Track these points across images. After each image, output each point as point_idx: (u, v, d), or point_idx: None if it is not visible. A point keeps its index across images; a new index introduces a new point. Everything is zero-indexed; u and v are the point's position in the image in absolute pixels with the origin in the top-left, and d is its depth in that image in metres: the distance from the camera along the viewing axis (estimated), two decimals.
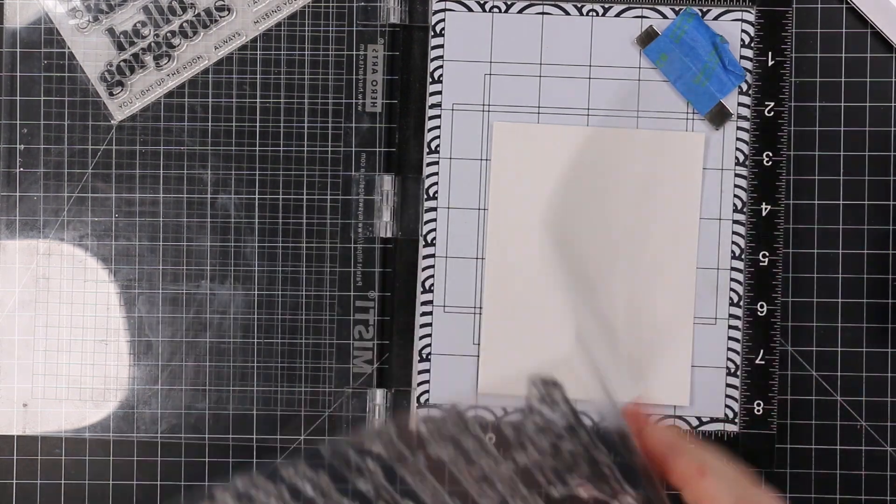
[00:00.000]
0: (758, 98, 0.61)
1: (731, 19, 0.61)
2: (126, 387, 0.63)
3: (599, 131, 0.61)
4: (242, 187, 0.63)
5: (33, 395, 0.63)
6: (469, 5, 0.62)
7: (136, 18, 0.63)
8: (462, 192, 0.62)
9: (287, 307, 0.63)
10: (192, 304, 0.63)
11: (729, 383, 0.61)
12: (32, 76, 0.63)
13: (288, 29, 0.63)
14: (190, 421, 0.63)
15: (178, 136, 0.63)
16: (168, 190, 0.63)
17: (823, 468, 0.62)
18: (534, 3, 0.62)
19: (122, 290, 0.63)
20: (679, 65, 0.61)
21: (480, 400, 0.61)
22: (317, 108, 0.63)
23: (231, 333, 0.63)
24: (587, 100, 0.62)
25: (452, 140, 0.62)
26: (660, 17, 0.62)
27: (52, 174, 0.63)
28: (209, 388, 0.63)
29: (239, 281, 0.63)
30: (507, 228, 0.61)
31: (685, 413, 0.61)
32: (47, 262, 0.63)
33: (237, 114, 0.63)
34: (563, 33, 0.62)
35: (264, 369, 0.63)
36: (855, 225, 0.62)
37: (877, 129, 0.62)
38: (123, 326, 0.63)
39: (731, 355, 0.61)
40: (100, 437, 0.63)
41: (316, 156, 0.63)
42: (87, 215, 0.63)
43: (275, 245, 0.63)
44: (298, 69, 0.63)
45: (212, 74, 0.64)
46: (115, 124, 0.63)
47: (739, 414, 0.61)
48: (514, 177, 0.61)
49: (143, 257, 0.63)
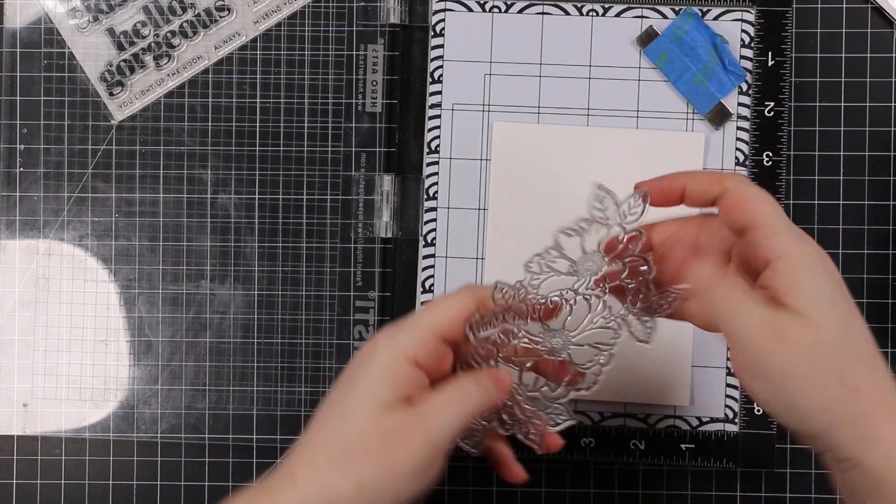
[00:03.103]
0: (758, 98, 0.61)
1: (731, 19, 0.61)
2: (126, 387, 0.63)
3: (599, 131, 0.61)
4: (242, 187, 0.63)
5: (33, 395, 0.63)
6: (469, 5, 0.62)
7: (136, 18, 0.63)
8: (462, 192, 0.62)
9: (287, 307, 0.63)
10: (192, 304, 0.63)
11: (729, 383, 0.61)
12: (32, 76, 0.63)
13: (288, 29, 0.63)
14: (190, 421, 0.63)
15: (178, 136, 0.63)
16: (168, 190, 0.63)
17: (823, 468, 0.62)
18: (534, 3, 0.62)
19: (122, 290, 0.63)
20: (679, 65, 0.61)
21: None
22: (317, 108, 0.63)
23: (231, 333, 0.63)
24: (587, 100, 0.62)
25: (452, 140, 0.62)
26: (660, 17, 0.62)
27: (52, 174, 0.63)
28: (209, 388, 0.63)
29: (239, 281, 0.63)
30: (507, 228, 0.61)
31: (685, 413, 0.61)
32: (47, 262, 0.63)
33: (237, 114, 0.63)
34: (563, 33, 0.62)
35: (264, 369, 0.63)
36: (855, 225, 0.62)
37: (877, 129, 0.62)
38: (123, 326, 0.63)
39: None
40: (100, 437, 0.63)
41: (316, 156, 0.63)
42: (87, 215, 0.63)
43: (275, 245, 0.63)
44: (298, 69, 0.63)
45: (212, 74, 0.64)
46: (115, 124, 0.63)
47: (739, 414, 0.61)
48: (514, 177, 0.61)
49: (143, 257, 0.63)
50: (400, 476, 0.47)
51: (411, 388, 0.48)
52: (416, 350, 0.48)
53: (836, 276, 0.46)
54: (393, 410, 0.47)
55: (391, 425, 0.47)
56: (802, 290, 0.45)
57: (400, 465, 0.47)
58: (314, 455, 0.48)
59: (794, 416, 0.45)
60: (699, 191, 0.48)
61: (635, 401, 0.61)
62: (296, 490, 0.48)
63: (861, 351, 0.45)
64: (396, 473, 0.47)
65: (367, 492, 0.47)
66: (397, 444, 0.47)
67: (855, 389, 0.44)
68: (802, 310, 0.45)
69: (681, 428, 0.61)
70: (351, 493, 0.47)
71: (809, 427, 0.45)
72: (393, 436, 0.47)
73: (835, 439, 0.45)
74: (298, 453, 0.49)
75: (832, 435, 0.45)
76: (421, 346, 0.49)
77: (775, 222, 0.46)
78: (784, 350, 0.45)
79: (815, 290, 0.45)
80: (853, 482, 0.45)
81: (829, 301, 0.45)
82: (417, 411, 0.47)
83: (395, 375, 0.48)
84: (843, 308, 0.45)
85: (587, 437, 0.61)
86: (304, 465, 0.48)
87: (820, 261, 0.46)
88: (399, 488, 0.47)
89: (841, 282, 0.46)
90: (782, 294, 0.45)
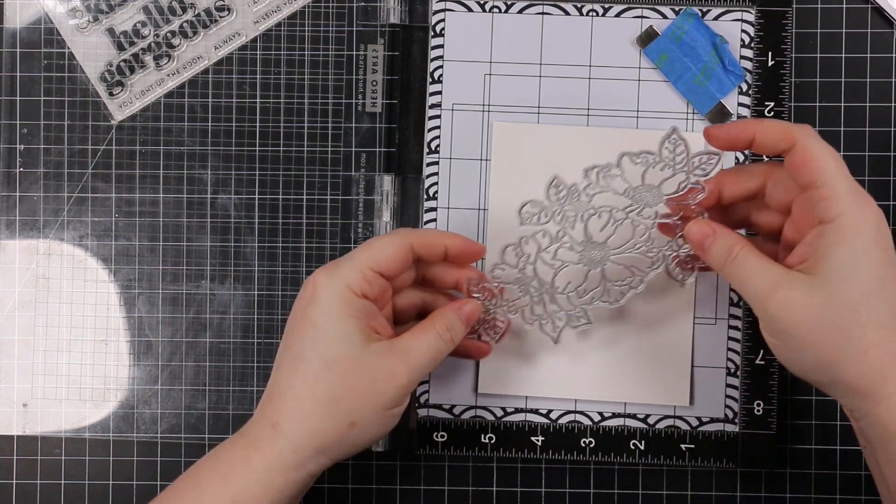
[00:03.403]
0: (758, 98, 0.61)
1: (731, 19, 0.61)
2: (126, 387, 0.63)
3: (599, 131, 0.61)
4: (242, 187, 0.63)
5: (33, 395, 0.63)
6: (469, 5, 0.62)
7: (136, 18, 0.63)
8: (462, 192, 0.62)
9: (287, 307, 0.63)
10: (192, 304, 0.63)
11: (729, 383, 0.61)
12: (32, 76, 0.63)
13: (288, 29, 0.63)
14: (190, 421, 0.63)
15: (178, 136, 0.63)
16: (168, 190, 0.63)
17: (823, 468, 0.62)
18: (534, 3, 0.62)
19: (122, 290, 0.63)
20: (679, 65, 0.61)
21: (480, 401, 0.61)
22: (317, 108, 0.63)
23: (231, 333, 0.63)
24: (587, 100, 0.62)
25: (452, 140, 0.62)
26: (660, 17, 0.62)
27: (52, 174, 0.63)
28: (209, 388, 0.63)
29: (239, 281, 0.63)
30: (507, 228, 0.61)
31: (685, 413, 0.61)
32: (47, 262, 0.63)
33: (237, 114, 0.63)
34: (563, 33, 0.62)
35: (264, 369, 0.63)
36: None
37: (877, 129, 0.62)
38: (123, 326, 0.63)
39: (731, 355, 0.61)
40: (100, 437, 0.63)
41: (316, 156, 0.63)
42: (87, 215, 0.63)
43: (275, 245, 0.63)
44: (298, 69, 0.63)
45: (212, 74, 0.64)
46: (115, 124, 0.63)
47: (739, 414, 0.61)
48: (514, 177, 0.61)
49: (143, 257, 0.63)
50: (387, 412, 0.52)
51: (370, 319, 0.52)
52: (359, 284, 0.52)
53: (883, 242, 0.48)
54: (370, 349, 0.51)
55: (381, 367, 0.51)
56: (832, 255, 0.48)
57: (389, 402, 0.51)
58: (300, 402, 0.51)
59: (796, 368, 0.50)
60: (769, 142, 0.51)
61: (635, 401, 0.61)
62: (286, 439, 0.51)
63: (880, 316, 0.48)
64: (385, 410, 0.52)
65: (359, 427, 0.51)
66: (387, 385, 0.51)
67: (863, 351, 0.48)
68: (823, 273, 0.48)
69: (681, 428, 0.61)
70: (343, 432, 0.51)
71: (813, 379, 0.50)
72: (383, 377, 0.51)
73: (839, 392, 0.49)
74: (277, 404, 0.51)
75: (836, 388, 0.49)
76: (362, 279, 0.52)
77: (836, 184, 0.49)
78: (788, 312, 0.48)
79: (844, 256, 0.48)
80: (864, 429, 0.49)
81: (853, 267, 0.48)
82: (403, 355, 0.52)
83: (352, 310, 0.51)
84: (876, 274, 0.48)
85: (587, 437, 0.61)
86: (289, 414, 0.51)
87: (869, 227, 0.48)
88: (385, 423, 0.52)
89: (889, 248, 0.49)
90: (819, 256, 0.48)
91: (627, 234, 0.55)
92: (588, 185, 0.55)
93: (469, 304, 0.56)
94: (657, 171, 0.54)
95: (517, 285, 0.57)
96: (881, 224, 0.48)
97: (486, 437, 0.61)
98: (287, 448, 0.51)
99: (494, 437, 0.61)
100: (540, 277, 0.57)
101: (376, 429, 0.52)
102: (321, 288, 0.51)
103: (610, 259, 0.56)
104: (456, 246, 0.55)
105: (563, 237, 0.55)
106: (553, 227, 0.55)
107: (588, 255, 0.56)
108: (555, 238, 0.55)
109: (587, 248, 0.55)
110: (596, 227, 0.56)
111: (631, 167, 0.54)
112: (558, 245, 0.56)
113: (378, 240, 0.53)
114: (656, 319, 0.60)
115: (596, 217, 0.55)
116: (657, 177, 0.54)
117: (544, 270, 0.56)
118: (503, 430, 0.61)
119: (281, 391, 0.51)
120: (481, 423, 0.61)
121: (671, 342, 0.60)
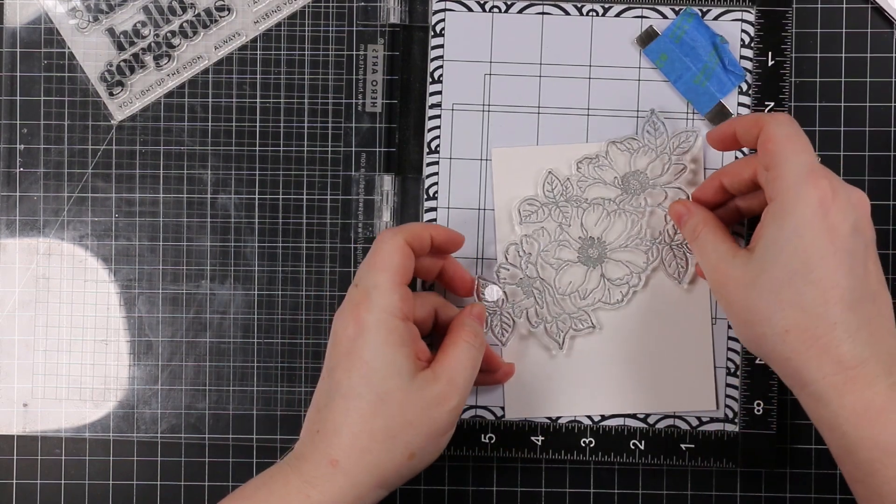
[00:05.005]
0: (758, 98, 0.61)
1: (731, 19, 0.61)
2: (126, 387, 0.63)
3: (597, 147, 0.61)
4: (242, 187, 0.63)
5: (33, 395, 0.63)
6: (469, 5, 0.62)
7: (136, 18, 0.63)
8: (462, 192, 0.62)
9: (287, 307, 0.63)
10: (192, 304, 0.63)
11: (729, 383, 0.61)
12: (32, 76, 0.63)
13: (288, 29, 0.63)
14: (190, 421, 0.63)
15: (178, 136, 0.63)
16: (168, 190, 0.63)
17: (823, 468, 0.62)
18: (534, 3, 0.62)
19: (122, 290, 0.63)
20: (679, 65, 0.61)
21: (480, 401, 0.61)
22: (317, 108, 0.63)
23: (231, 333, 0.63)
24: (587, 100, 0.62)
25: (452, 140, 0.62)
26: (660, 17, 0.62)
27: (52, 174, 0.63)
28: (209, 388, 0.63)
29: (239, 281, 0.63)
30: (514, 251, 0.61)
31: (685, 413, 0.61)
32: (47, 262, 0.63)
33: (237, 114, 0.63)
34: (563, 33, 0.62)
35: (264, 369, 0.63)
36: None
37: (877, 129, 0.62)
38: (123, 326, 0.63)
39: (731, 355, 0.61)
40: (100, 437, 0.63)
41: (316, 156, 0.63)
42: (87, 215, 0.63)
43: (275, 245, 0.63)
44: (298, 69, 0.63)
45: (212, 74, 0.64)
46: (115, 124, 0.63)
47: (739, 414, 0.61)
48: (518, 199, 0.61)
49: (143, 257, 0.63)
50: (441, 437, 0.52)
51: (414, 344, 0.52)
52: (399, 307, 0.52)
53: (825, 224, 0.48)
54: (418, 379, 0.51)
55: (430, 396, 0.51)
56: (763, 234, 0.49)
57: (444, 427, 0.52)
58: (357, 440, 0.51)
59: (746, 346, 0.52)
60: (745, 132, 0.53)
61: (660, 411, 0.60)
62: (344, 476, 0.51)
63: (803, 297, 0.48)
64: (440, 436, 0.52)
65: (418, 457, 0.52)
66: (440, 411, 0.51)
67: (785, 331, 0.48)
68: (755, 252, 0.50)
69: (681, 428, 0.61)
70: (403, 464, 0.51)
71: (759, 356, 0.53)
72: (436, 404, 0.51)
73: (775, 371, 0.51)
74: (332, 441, 0.51)
75: (771, 368, 0.52)
76: (399, 300, 0.52)
77: (784, 165, 0.49)
78: (726, 289, 0.50)
79: (773, 235, 0.49)
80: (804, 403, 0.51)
81: (780, 247, 0.48)
82: (448, 377, 0.52)
83: (398, 338, 0.51)
84: (805, 256, 0.48)
85: (587, 436, 0.61)
86: (347, 452, 0.51)
87: (806, 209, 0.48)
88: (441, 446, 0.53)
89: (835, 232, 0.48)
90: (757, 235, 0.50)
91: (622, 227, 0.57)
92: (580, 178, 0.56)
93: (476, 307, 0.57)
94: (642, 156, 0.55)
95: (521, 287, 0.58)
96: (825, 206, 0.48)
97: (486, 436, 0.61)
98: (346, 485, 0.50)
99: (494, 436, 0.61)
100: (542, 278, 0.58)
101: (433, 455, 0.53)
102: (366, 322, 0.51)
103: (608, 256, 0.56)
104: (439, 235, 0.56)
105: (561, 235, 0.56)
106: (551, 223, 0.56)
107: (586, 254, 0.56)
108: (553, 235, 0.56)
109: (585, 246, 0.56)
110: (591, 223, 0.57)
111: (618, 155, 0.55)
112: (557, 244, 0.56)
113: (379, 254, 0.53)
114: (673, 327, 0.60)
115: (591, 211, 0.57)
116: (643, 162, 0.57)
117: (547, 272, 0.58)
118: (503, 430, 0.61)
119: (335, 428, 0.51)
120: (481, 422, 0.61)
121: (691, 345, 0.60)
